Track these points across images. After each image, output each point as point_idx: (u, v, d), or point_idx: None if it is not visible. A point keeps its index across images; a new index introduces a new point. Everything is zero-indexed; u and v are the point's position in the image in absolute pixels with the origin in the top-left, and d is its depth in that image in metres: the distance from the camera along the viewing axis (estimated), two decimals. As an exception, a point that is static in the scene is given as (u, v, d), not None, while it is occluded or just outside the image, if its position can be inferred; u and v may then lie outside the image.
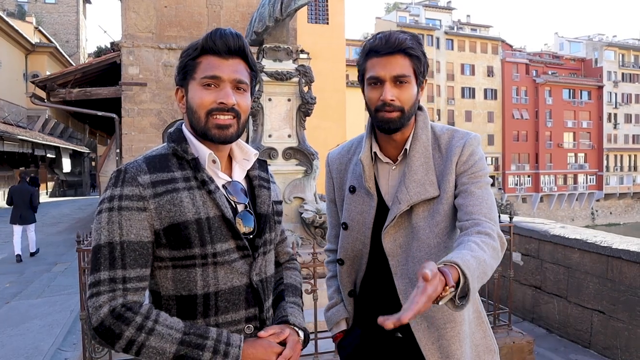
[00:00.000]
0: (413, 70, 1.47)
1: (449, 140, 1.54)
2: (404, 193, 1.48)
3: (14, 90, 28.02)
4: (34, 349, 4.93)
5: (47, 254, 10.77)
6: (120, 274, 1.18)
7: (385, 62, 1.45)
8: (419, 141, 1.53)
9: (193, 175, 1.28)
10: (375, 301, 1.59)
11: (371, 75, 1.47)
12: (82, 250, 3.20)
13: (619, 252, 4.10)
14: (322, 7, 20.64)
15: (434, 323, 1.47)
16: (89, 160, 37.97)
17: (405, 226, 1.50)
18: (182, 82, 1.33)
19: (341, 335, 1.68)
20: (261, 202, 1.39)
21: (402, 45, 1.44)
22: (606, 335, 4.25)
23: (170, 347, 1.16)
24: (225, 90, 1.27)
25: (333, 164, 1.72)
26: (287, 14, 4.86)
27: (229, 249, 1.27)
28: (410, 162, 1.51)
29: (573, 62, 60.02)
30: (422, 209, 1.49)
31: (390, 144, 1.56)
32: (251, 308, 1.32)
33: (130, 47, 13.42)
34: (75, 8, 42.92)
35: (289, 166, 5.02)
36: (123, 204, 1.21)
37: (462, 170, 1.48)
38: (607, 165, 57.38)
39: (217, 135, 1.28)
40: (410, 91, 1.47)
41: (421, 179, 1.49)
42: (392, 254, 1.51)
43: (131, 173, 1.24)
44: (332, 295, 1.73)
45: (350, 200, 1.61)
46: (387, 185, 1.56)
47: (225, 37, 1.28)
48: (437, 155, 1.53)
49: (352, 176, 1.62)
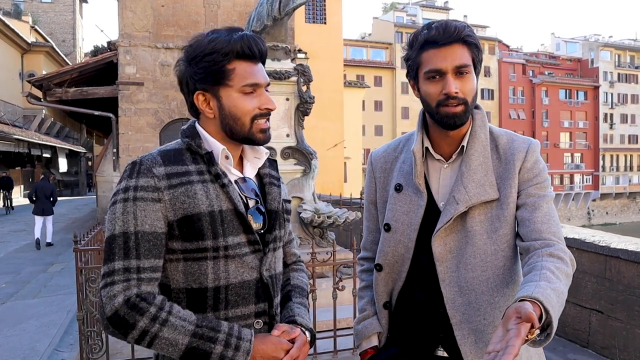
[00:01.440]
0: (472, 60, 1.39)
1: (508, 143, 1.45)
2: (462, 193, 1.38)
3: (10, 89, 27.90)
4: (30, 349, 4.90)
5: (43, 254, 10.75)
6: (134, 264, 1.19)
7: (445, 53, 1.35)
8: (477, 140, 1.43)
9: (207, 169, 1.30)
10: (413, 315, 1.46)
11: (430, 68, 1.37)
12: (79, 251, 3.18)
13: (617, 251, 4.09)
14: (320, 6, 20.63)
15: (482, 338, 1.34)
16: (86, 160, 37.86)
17: (458, 230, 1.39)
18: (209, 88, 1.30)
19: (372, 352, 1.52)
20: (271, 199, 1.41)
21: (461, 34, 1.36)
22: (604, 334, 4.25)
23: (183, 339, 1.16)
24: (266, 96, 1.33)
25: (377, 162, 1.60)
26: (285, 13, 4.85)
27: (241, 242, 1.28)
28: (469, 161, 1.41)
29: (569, 63, 60.19)
30: (479, 212, 1.39)
31: (444, 140, 1.46)
32: (261, 303, 1.32)
33: (127, 47, 13.39)
34: (71, 7, 42.78)
35: (287, 166, 5.01)
36: (138, 195, 1.22)
37: (526, 177, 1.40)
38: (603, 165, 57.54)
39: (262, 138, 1.33)
40: (472, 82, 1.39)
41: (480, 179, 1.39)
42: (441, 259, 1.39)
43: (146, 165, 1.25)
44: (364, 307, 1.59)
45: (396, 199, 1.49)
46: (438, 184, 1.46)
47: (257, 43, 1.32)
48: (494, 157, 1.44)
49: (399, 174, 1.51)
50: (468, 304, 1.35)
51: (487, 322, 1.34)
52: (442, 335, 1.40)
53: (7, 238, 13.29)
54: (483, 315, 1.35)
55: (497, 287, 1.36)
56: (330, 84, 19.23)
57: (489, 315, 1.34)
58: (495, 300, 1.35)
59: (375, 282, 1.55)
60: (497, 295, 1.36)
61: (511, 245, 1.40)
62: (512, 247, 1.40)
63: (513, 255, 1.40)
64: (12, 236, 13.70)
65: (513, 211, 1.39)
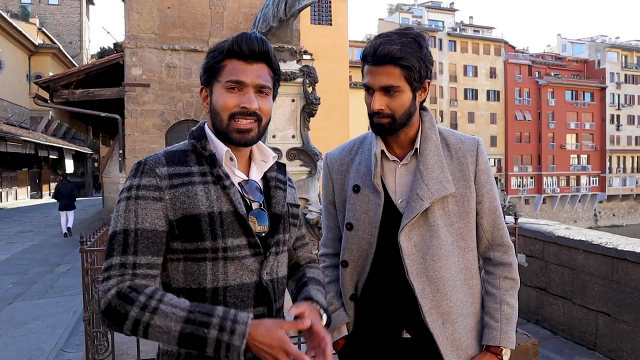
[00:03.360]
0: (405, 79, 1.46)
1: (458, 143, 1.59)
2: (425, 190, 1.49)
3: (17, 91, 28.07)
4: (36, 350, 4.92)
5: (50, 255, 10.79)
6: (131, 260, 1.21)
7: (375, 72, 1.47)
8: (429, 140, 1.56)
9: (209, 171, 1.31)
10: (378, 304, 1.59)
11: (364, 82, 1.51)
12: (86, 251, 3.19)
13: (624, 253, 4.07)
14: (326, 8, 20.65)
15: (448, 319, 1.52)
16: (92, 161, 38.01)
17: (420, 224, 1.51)
18: (206, 83, 1.37)
19: (343, 342, 1.65)
20: (276, 202, 1.40)
21: (391, 57, 1.43)
22: (612, 337, 4.22)
23: (176, 326, 1.14)
24: (248, 95, 1.31)
25: (333, 164, 1.70)
26: (291, 15, 4.85)
27: (240, 245, 1.28)
28: (425, 160, 1.53)
29: (576, 64, 59.90)
30: (438, 207, 1.51)
31: (396, 142, 1.57)
32: (259, 307, 1.31)
33: (133, 48, 13.44)
34: (78, 9, 43.02)
35: (292, 167, 5.00)
36: (140, 194, 1.25)
37: (481, 180, 1.57)
38: (609, 167, 57.21)
39: (237, 138, 1.32)
40: (401, 99, 1.48)
41: (438, 176, 1.52)
42: (408, 253, 1.50)
43: (150, 165, 1.28)
44: (332, 301, 1.68)
45: (355, 199, 1.59)
46: (394, 183, 1.56)
47: (250, 42, 1.32)
48: (446, 154, 1.56)
49: (356, 175, 1.61)
50: (436, 290, 1.51)
51: (451, 304, 1.53)
52: (405, 320, 1.55)
53: (14, 239, 13.36)
54: (449, 299, 1.52)
55: (455, 272, 1.54)
56: (336, 85, 19.24)
57: (453, 298, 1.53)
58: (455, 284, 1.54)
59: (341, 277, 1.67)
60: (457, 280, 1.54)
61: (464, 237, 1.56)
62: (465, 238, 1.57)
63: (465, 246, 1.57)
64: (19, 237, 13.77)
65: (469, 209, 1.56)
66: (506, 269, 1.60)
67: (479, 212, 1.58)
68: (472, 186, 1.55)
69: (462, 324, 1.54)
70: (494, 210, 1.59)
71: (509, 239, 1.63)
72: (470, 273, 1.58)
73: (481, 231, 1.60)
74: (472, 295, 1.58)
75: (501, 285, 1.59)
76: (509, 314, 1.56)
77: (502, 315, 1.56)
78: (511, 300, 1.58)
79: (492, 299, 1.58)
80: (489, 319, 1.57)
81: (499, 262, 1.61)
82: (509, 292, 1.59)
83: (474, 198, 1.56)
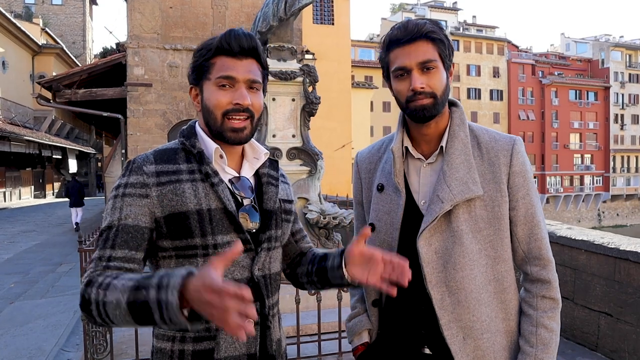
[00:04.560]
0: (439, 55, 1.40)
1: (491, 141, 1.45)
2: (446, 192, 1.37)
3: (20, 91, 28.17)
4: (37, 349, 4.93)
5: (52, 254, 10.82)
6: (108, 253, 1.22)
7: (409, 50, 1.38)
8: (457, 138, 1.44)
9: (198, 168, 1.31)
10: (401, 313, 1.48)
11: (396, 66, 1.39)
12: (84, 251, 3.19)
13: (626, 253, 4.04)
14: (328, 7, 20.62)
15: (470, 334, 1.38)
16: (95, 160, 38.09)
17: (442, 230, 1.39)
18: (196, 82, 1.36)
19: (362, 348, 1.55)
20: (268, 199, 1.40)
21: (422, 30, 1.38)
22: (614, 338, 4.19)
23: (123, 297, 1.06)
24: (240, 91, 1.30)
25: (362, 163, 1.62)
26: (291, 14, 4.84)
27: (231, 241, 1.28)
28: (450, 159, 1.42)
29: (579, 63, 59.72)
30: (463, 211, 1.39)
31: (423, 138, 1.47)
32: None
33: (135, 48, 13.44)
34: (81, 9, 43.14)
35: (293, 166, 4.99)
36: (127, 191, 1.26)
37: (516, 183, 1.42)
38: (613, 167, 57.02)
39: (232, 137, 1.32)
40: (440, 76, 1.39)
41: (463, 177, 1.39)
42: (427, 260, 1.39)
43: (138, 163, 1.30)
44: (355, 305, 1.61)
45: (378, 199, 1.51)
46: (418, 183, 1.46)
47: (238, 38, 1.31)
48: (476, 154, 1.44)
49: (382, 174, 1.53)
50: (457, 303, 1.38)
51: (475, 319, 1.38)
52: (424, 332, 1.43)
53: (17, 238, 13.41)
54: (472, 312, 1.38)
55: (482, 284, 1.39)
56: (338, 84, 19.22)
57: (477, 312, 1.38)
58: (481, 297, 1.39)
59: None
60: (483, 292, 1.39)
61: (494, 246, 1.41)
62: (495, 247, 1.42)
63: (495, 255, 1.42)
64: (22, 236, 13.81)
65: (500, 215, 1.41)
66: (544, 286, 1.44)
67: (512, 220, 1.43)
68: (504, 189, 1.40)
69: (489, 342, 1.39)
70: (531, 218, 1.43)
71: (548, 253, 1.45)
72: (502, 286, 1.42)
73: (515, 241, 1.44)
74: (504, 310, 1.43)
75: (539, 306, 1.43)
76: (546, 338, 1.40)
77: (538, 340, 1.40)
78: (550, 323, 1.42)
79: (529, 321, 1.42)
80: (524, 344, 1.41)
81: (537, 279, 1.44)
82: (547, 313, 1.43)
83: (507, 203, 1.41)
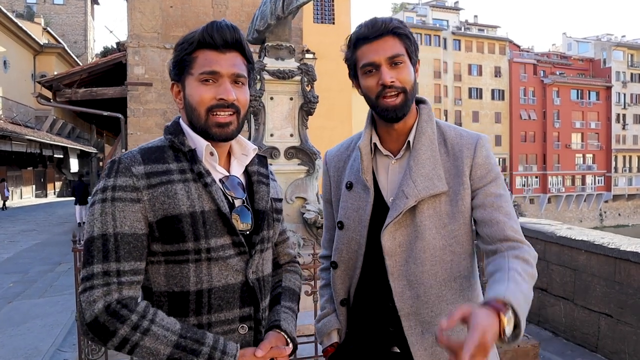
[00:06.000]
0: (405, 50, 1.41)
1: (456, 137, 1.46)
2: (411, 187, 1.38)
3: (22, 90, 28.18)
4: (33, 349, 4.91)
5: (51, 254, 10.80)
6: (114, 267, 1.14)
7: (377, 46, 1.39)
8: (424, 135, 1.44)
9: (189, 168, 1.24)
10: (369, 312, 1.48)
11: (365, 62, 1.41)
12: (79, 251, 3.16)
13: (627, 254, 4.00)
14: (328, 7, 20.59)
15: (429, 329, 1.37)
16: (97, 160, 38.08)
17: (407, 224, 1.40)
18: (178, 77, 1.29)
19: (332, 349, 1.55)
20: (259, 198, 1.35)
21: (389, 27, 1.40)
22: (614, 339, 4.15)
23: (165, 350, 1.12)
24: (225, 86, 1.24)
25: (331, 161, 1.63)
26: (289, 12, 4.80)
27: (224, 244, 1.23)
28: (417, 155, 1.42)
29: (581, 63, 59.57)
30: (427, 206, 1.39)
31: (391, 135, 1.47)
32: (246, 307, 1.27)
33: (135, 47, 13.42)
34: (83, 9, 43.17)
35: (291, 166, 4.96)
36: (116, 195, 1.17)
37: (479, 175, 1.40)
38: (615, 166, 56.89)
39: (217, 133, 1.25)
40: (408, 70, 1.41)
41: (429, 173, 1.40)
42: (390, 254, 1.39)
43: (125, 163, 1.20)
44: (324, 305, 1.61)
45: (347, 196, 1.51)
46: (387, 180, 1.46)
47: (221, 30, 1.25)
48: (442, 151, 1.45)
49: (350, 172, 1.53)
50: (417, 297, 1.38)
51: (434, 314, 1.37)
52: (392, 330, 1.42)
53: (17, 238, 13.41)
54: (431, 307, 1.38)
55: (445, 280, 1.39)
56: (339, 84, 19.16)
57: (437, 308, 1.38)
58: (443, 294, 1.39)
59: (332, 280, 1.56)
60: (445, 289, 1.39)
61: (460, 241, 1.41)
62: (461, 242, 1.41)
63: (462, 251, 1.41)
64: (22, 236, 13.82)
65: (463, 209, 1.40)
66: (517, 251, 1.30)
67: (474, 207, 1.40)
68: (467, 182, 1.40)
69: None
70: (492, 203, 1.37)
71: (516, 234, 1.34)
72: (467, 283, 1.41)
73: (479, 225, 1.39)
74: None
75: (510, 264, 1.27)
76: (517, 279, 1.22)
77: (509, 277, 1.22)
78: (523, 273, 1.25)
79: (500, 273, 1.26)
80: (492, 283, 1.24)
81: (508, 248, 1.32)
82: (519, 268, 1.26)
83: (469, 196, 1.40)
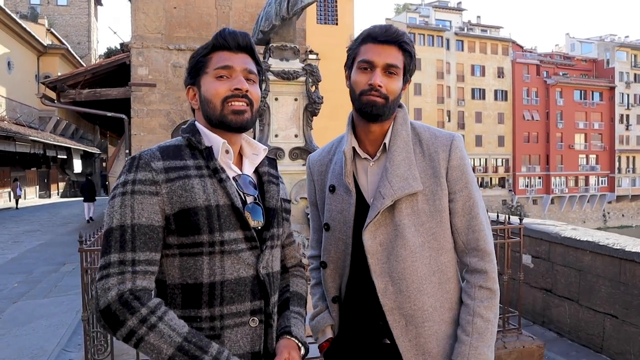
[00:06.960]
0: (403, 64, 1.50)
1: (431, 138, 1.53)
2: (388, 188, 1.46)
3: (26, 91, 28.27)
4: (39, 349, 4.92)
5: (56, 254, 10.83)
6: (130, 257, 1.19)
7: (381, 50, 1.47)
8: (399, 137, 1.52)
9: (205, 164, 1.31)
10: (359, 306, 1.55)
11: (364, 58, 1.48)
12: (85, 251, 3.17)
13: (632, 254, 4.00)
14: (331, 7, 20.61)
15: (412, 321, 1.46)
16: (100, 161, 38.22)
17: (386, 223, 1.47)
18: (193, 80, 1.39)
19: (327, 344, 1.63)
20: (270, 197, 1.41)
21: (399, 38, 1.48)
22: (619, 339, 4.15)
23: (167, 349, 1.15)
24: (239, 78, 1.33)
25: (314, 166, 1.70)
26: (293, 13, 4.82)
27: (237, 238, 1.28)
28: (392, 157, 1.50)
29: (584, 63, 59.44)
30: (405, 205, 1.46)
31: (368, 137, 1.55)
32: (257, 300, 1.31)
33: (139, 48, 13.47)
34: (86, 10, 43.29)
35: (295, 166, 4.97)
36: (136, 188, 1.23)
37: (454, 177, 1.49)
38: (619, 167, 56.73)
39: (234, 120, 1.32)
40: (398, 83, 1.49)
41: (404, 173, 1.47)
42: (371, 252, 1.47)
43: (145, 159, 1.27)
44: (317, 303, 1.69)
45: (331, 199, 1.58)
46: (367, 181, 1.54)
47: (234, 35, 1.37)
48: (417, 151, 1.52)
49: (332, 175, 1.60)
50: (399, 292, 1.46)
51: (416, 308, 1.46)
52: (382, 323, 1.50)
53: (22, 238, 13.44)
54: (413, 301, 1.46)
55: (425, 275, 1.47)
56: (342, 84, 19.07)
57: (418, 301, 1.46)
58: (423, 287, 1.47)
59: (323, 279, 1.64)
60: (425, 283, 1.47)
61: (437, 238, 1.49)
62: (438, 239, 1.49)
63: (439, 247, 1.50)
64: (26, 236, 13.84)
65: (441, 207, 1.49)
66: (482, 277, 1.47)
67: (451, 211, 1.50)
68: (444, 183, 1.48)
69: (431, 330, 1.46)
70: (469, 210, 1.48)
71: (487, 244, 1.49)
72: (445, 276, 1.49)
73: (455, 232, 1.50)
74: (448, 300, 1.49)
75: (476, 296, 1.46)
76: (482, 327, 1.44)
77: (474, 329, 1.44)
78: (486, 313, 1.45)
79: (466, 310, 1.47)
80: (461, 332, 1.45)
81: (475, 269, 1.48)
82: (484, 303, 1.46)
83: (446, 196, 1.48)
